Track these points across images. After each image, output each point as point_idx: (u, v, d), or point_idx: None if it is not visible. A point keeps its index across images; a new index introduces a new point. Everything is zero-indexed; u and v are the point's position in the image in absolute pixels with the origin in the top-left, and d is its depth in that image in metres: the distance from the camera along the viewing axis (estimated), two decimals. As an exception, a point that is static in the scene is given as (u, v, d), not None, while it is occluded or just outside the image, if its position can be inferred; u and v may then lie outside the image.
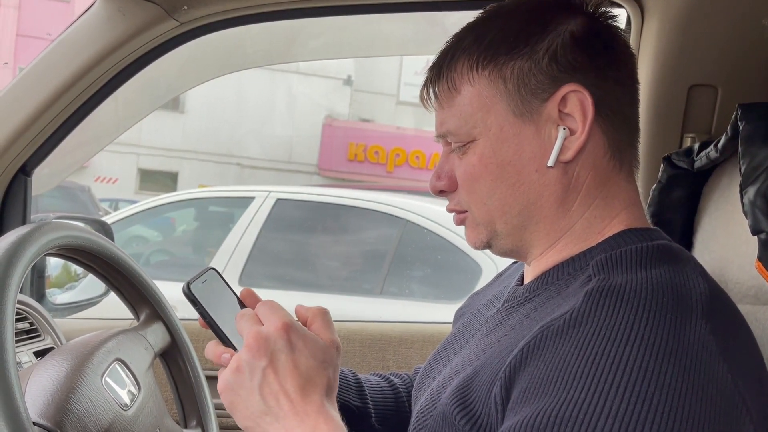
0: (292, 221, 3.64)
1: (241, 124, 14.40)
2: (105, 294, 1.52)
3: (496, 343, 0.67)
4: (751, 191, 0.72)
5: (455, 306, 0.93)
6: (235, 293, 0.73)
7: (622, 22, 1.22)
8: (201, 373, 0.99)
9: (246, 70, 1.57)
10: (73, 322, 1.47)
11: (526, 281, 0.75)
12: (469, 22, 0.72)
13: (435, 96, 0.72)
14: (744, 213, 0.73)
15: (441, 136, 0.72)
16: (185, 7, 1.14)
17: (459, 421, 0.63)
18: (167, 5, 1.14)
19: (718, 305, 0.60)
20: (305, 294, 3.32)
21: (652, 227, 0.71)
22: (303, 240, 3.72)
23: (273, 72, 14.06)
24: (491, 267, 2.96)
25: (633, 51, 0.73)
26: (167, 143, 14.09)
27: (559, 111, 0.66)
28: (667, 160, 0.96)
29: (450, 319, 0.94)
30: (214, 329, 0.68)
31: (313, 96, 14.49)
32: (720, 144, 0.85)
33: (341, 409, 0.67)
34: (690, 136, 1.11)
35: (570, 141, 0.66)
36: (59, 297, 1.54)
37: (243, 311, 0.67)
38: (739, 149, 0.77)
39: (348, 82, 15.25)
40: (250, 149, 14.57)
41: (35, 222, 0.77)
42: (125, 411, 0.79)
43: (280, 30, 1.41)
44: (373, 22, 1.45)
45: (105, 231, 1.45)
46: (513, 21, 0.69)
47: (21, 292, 1.08)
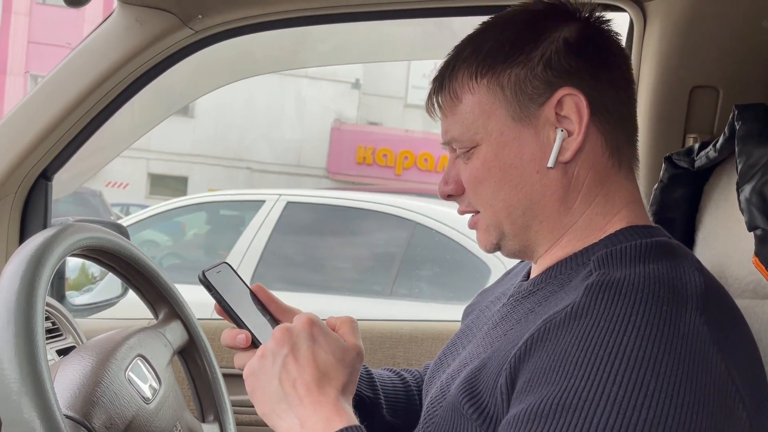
0: (302, 224, 3.68)
1: (251, 128, 14.48)
2: (122, 295, 1.57)
3: (502, 336, 0.70)
4: (747, 189, 0.75)
5: (463, 306, 0.96)
6: (248, 286, 0.76)
7: (623, 25, 1.24)
8: (218, 370, 1.03)
9: (256, 76, 1.61)
10: (92, 322, 1.51)
11: (531, 277, 0.78)
12: (469, 33, 0.76)
13: (439, 106, 0.76)
14: (741, 210, 0.76)
15: (446, 143, 0.76)
16: (200, 16, 1.18)
17: (467, 411, 0.66)
18: (182, 14, 1.18)
19: (713, 298, 0.62)
20: (316, 296, 3.36)
21: (653, 224, 0.73)
22: (313, 242, 3.75)
23: (282, 76, 14.13)
24: (500, 267, 2.98)
25: (627, 53, 0.76)
26: (177, 148, 14.19)
27: (556, 114, 0.70)
28: (668, 160, 0.99)
29: (458, 318, 0.97)
30: (228, 312, 0.72)
31: (322, 100, 14.55)
32: (718, 144, 0.87)
33: (354, 400, 0.70)
34: (692, 136, 1.13)
35: (568, 142, 0.69)
36: (77, 299, 1.58)
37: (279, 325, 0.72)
38: (736, 149, 0.79)
39: (356, 85, 15.30)
40: (259, 153, 14.64)
41: (59, 224, 0.81)
42: (148, 404, 0.82)
43: (289, 37, 1.45)
44: (382, 27, 1.48)
45: (122, 233, 1.49)
46: (509, 31, 0.72)
47: (44, 292, 1.12)
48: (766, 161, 0.76)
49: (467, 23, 1.31)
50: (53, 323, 1.15)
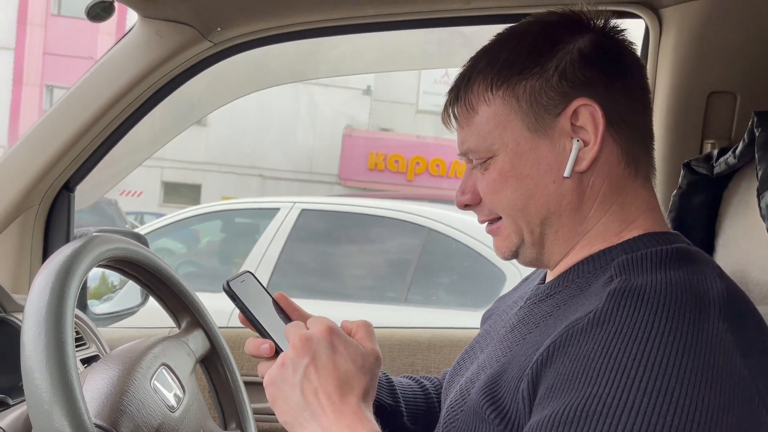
0: (316, 231, 3.69)
1: (263, 135, 14.56)
2: (142, 304, 1.59)
3: (521, 340, 0.70)
4: (768, 196, 0.75)
5: (479, 313, 0.97)
6: (270, 294, 0.77)
7: (639, 31, 1.25)
8: (239, 378, 1.04)
9: (273, 87, 1.63)
10: (114, 330, 1.52)
11: (548, 280, 0.78)
12: (484, 45, 0.77)
13: (455, 117, 0.77)
14: (762, 217, 0.76)
15: (463, 153, 0.77)
16: (218, 29, 1.20)
17: (489, 416, 0.66)
18: (201, 27, 1.20)
19: (735, 304, 0.63)
20: (331, 303, 3.37)
21: (671, 231, 0.74)
22: (327, 250, 3.77)
23: (293, 84, 14.19)
24: (515, 274, 2.98)
25: (642, 63, 0.77)
26: (190, 156, 14.29)
27: (572, 124, 0.70)
28: (687, 166, 0.99)
29: (475, 325, 0.98)
30: (252, 322, 0.73)
31: (333, 106, 14.61)
32: (738, 150, 0.87)
33: (374, 408, 0.70)
34: (710, 142, 1.13)
35: (584, 152, 0.70)
36: (98, 308, 1.61)
37: (293, 323, 0.72)
38: (756, 155, 0.79)
39: (367, 92, 15.35)
40: (271, 160, 14.71)
41: (85, 236, 0.82)
42: (173, 413, 0.83)
43: (304, 48, 1.46)
44: (395, 36, 1.49)
45: (142, 243, 1.51)
46: (524, 42, 0.73)
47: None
48: (786, 168, 0.76)
49: (480, 30, 1.33)
50: (77, 332, 1.17)
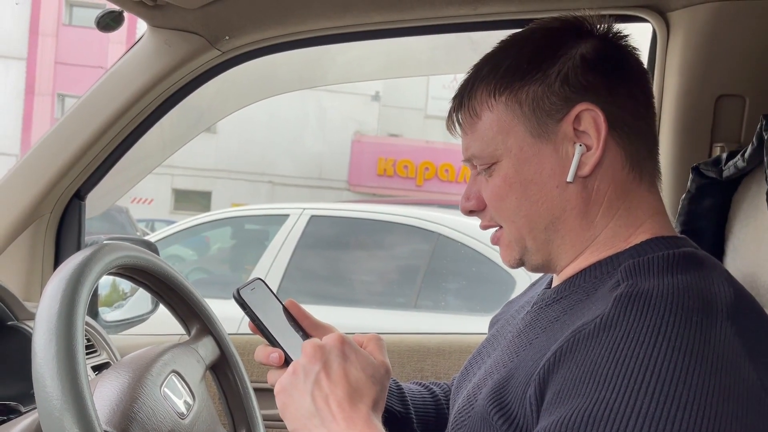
0: (326, 237, 3.70)
1: (272, 142, 14.62)
2: (152, 311, 1.59)
3: (528, 345, 0.70)
4: (778, 199, 0.74)
5: (488, 318, 0.97)
6: (281, 301, 0.78)
7: (646, 34, 1.24)
8: (249, 385, 1.04)
9: (281, 95, 1.64)
10: (124, 338, 1.53)
11: (554, 284, 0.78)
12: (487, 52, 0.77)
13: (459, 123, 0.77)
14: (771, 220, 0.75)
15: (467, 160, 0.77)
16: (227, 37, 1.21)
17: (496, 421, 0.66)
18: (210, 36, 1.21)
19: (743, 308, 0.62)
20: (340, 309, 3.37)
21: (678, 235, 0.74)
22: (337, 255, 3.77)
23: (302, 90, 14.25)
24: (524, 279, 2.97)
25: (645, 67, 0.77)
26: (200, 163, 14.38)
27: (574, 129, 0.70)
28: (696, 170, 0.98)
29: (484, 330, 0.98)
30: (262, 331, 0.73)
31: (342, 112, 14.66)
32: (747, 154, 0.87)
33: (385, 414, 0.71)
34: (719, 145, 1.13)
35: (587, 156, 0.70)
36: (109, 315, 1.61)
37: (309, 340, 0.72)
38: (765, 158, 0.79)
39: (376, 97, 15.39)
40: (280, 167, 14.77)
41: (95, 244, 0.83)
42: (183, 420, 0.83)
43: (312, 55, 1.47)
44: (404, 42, 1.50)
45: (152, 251, 1.52)
46: (526, 48, 0.73)
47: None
48: (796, 171, 0.75)
49: (487, 35, 1.33)
50: (88, 340, 1.18)
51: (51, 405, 0.64)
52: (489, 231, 0.79)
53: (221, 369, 1.02)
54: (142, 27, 1.25)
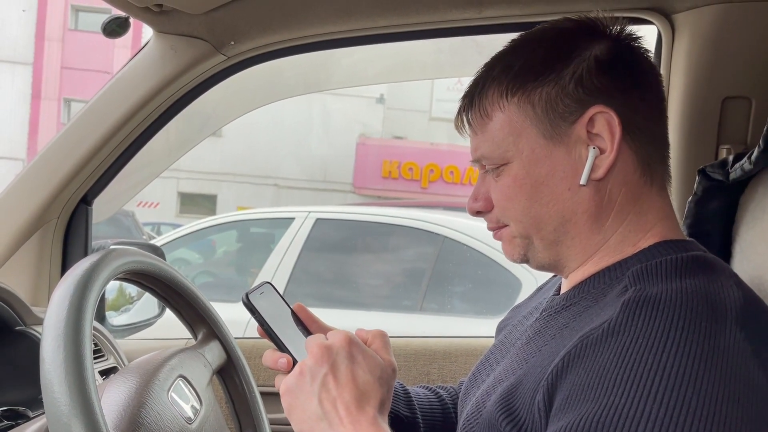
0: (331, 240, 3.70)
1: (277, 145, 14.65)
2: (159, 315, 1.60)
3: (537, 353, 0.70)
4: (785, 202, 0.74)
5: (494, 321, 0.96)
6: (289, 305, 0.78)
7: (651, 36, 1.24)
8: (255, 389, 1.04)
9: (287, 98, 1.64)
10: (131, 342, 1.54)
11: (563, 291, 0.78)
12: (498, 51, 0.76)
13: (468, 123, 0.76)
14: (779, 223, 0.75)
15: (476, 160, 0.77)
16: (232, 42, 1.22)
17: (504, 427, 0.66)
18: (215, 41, 1.21)
19: (752, 312, 0.62)
20: (346, 311, 3.37)
21: (687, 239, 0.73)
22: (342, 258, 3.78)
23: (307, 94, 14.26)
24: (531, 281, 2.96)
25: (658, 70, 0.76)
26: (206, 167, 14.42)
27: (588, 132, 0.70)
28: (702, 172, 0.98)
29: (490, 333, 0.97)
30: (270, 336, 0.73)
31: (347, 115, 14.67)
32: (753, 156, 0.86)
33: (391, 419, 0.70)
34: (725, 147, 1.12)
35: (600, 160, 0.70)
36: (116, 319, 1.62)
37: (314, 336, 0.72)
38: (772, 161, 0.79)
39: (380, 100, 15.40)
40: (286, 170, 14.80)
41: (102, 249, 0.83)
42: (190, 424, 0.84)
43: (317, 59, 1.47)
44: (409, 46, 1.50)
45: (158, 255, 1.52)
46: (539, 49, 0.73)
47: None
48: (803, 173, 0.75)
49: (493, 38, 1.33)
50: (96, 344, 1.18)
51: (59, 410, 0.64)
52: (492, 231, 0.79)
53: (228, 373, 1.02)
54: (147, 32, 1.26)
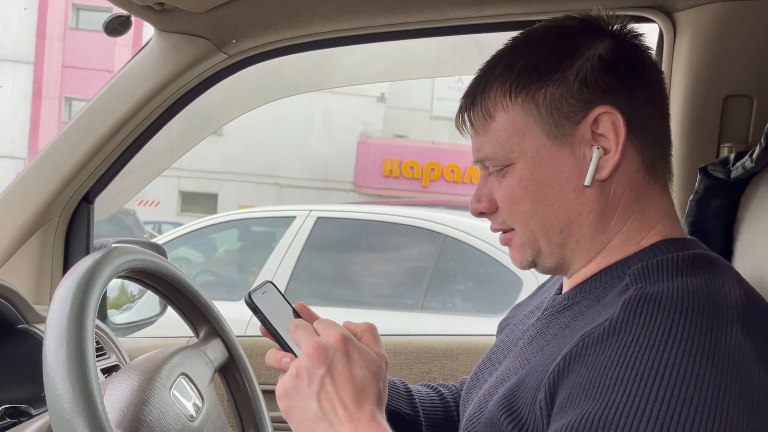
0: (332, 239, 3.71)
1: (278, 144, 14.66)
2: (160, 314, 1.60)
3: (539, 352, 0.70)
4: (787, 200, 0.74)
5: (495, 319, 0.96)
6: (291, 304, 0.78)
7: (653, 34, 1.24)
8: (257, 387, 1.04)
9: (288, 97, 1.64)
10: (133, 340, 1.54)
11: (564, 290, 0.78)
12: (499, 49, 0.76)
13: (470, 123, 0.75)
14: (780, 221, 0.75)
15: (479, 161, 0.76)
16: (234, 41, 1.22)
17: (506, 427, 0.66)
18: (217, 40, 1.21)
19: (754, 311, 0.62)
20: (347, 310, 3.37)
21: (688, 237, 0.73)
22: (343, 257, 3.78)
23: (308, 92, 14.25)
24: (531, 280, 2.96)
25: (660, 67, 0.76)
26: (207, 165, 14.42)
27: (592, 132, 0.69)
28: (704, 170, 0.98)
29: (491, 332, 0.97)
30: (274, 336, 0.73)
31: (348, 114, 14.68)
32: (755, 154, 0.86)
33: (393, 417, 0.70)
34: (727, 146, 1.12)
35: (605, 160, 0.69)
36: (117, 317, 1.62)
37: (297, 321, 0.71)
38: (773, 159, 0.79)
39: (382, 99, 15.40)
40: (287, 169, 14.80)
41: (104, 247, 0.84)
42: (192, 422, 0.84)
43: (318, 57, 1.47)
44: (410, 44, 1.50)
45: (160, 253, 1.52)
46: (542, 48, 0.72)
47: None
48: (804, 171, 0.75)
49: (493, 37, 1.33)
50: (98, 342, 1.18)
51: (62, 408, 0.64)
52: (497, 232, 0.78)
53: (230, 371, 1.03)
54: (149, 30, 1.26)
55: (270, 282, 0.77)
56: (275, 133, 14.52)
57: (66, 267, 1.34)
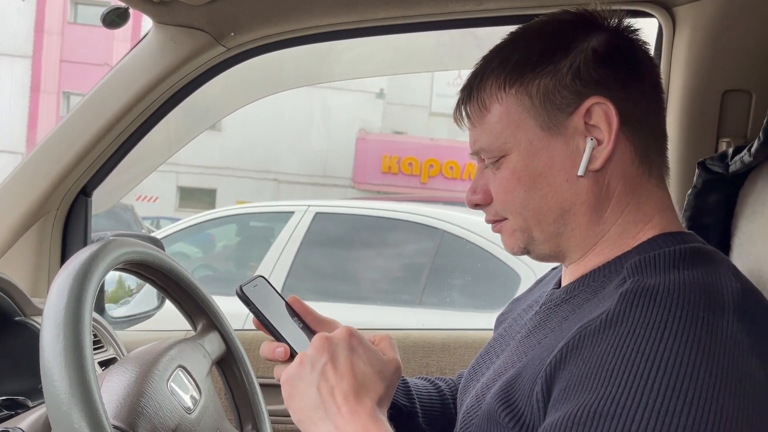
0: (331, 234, 3.71)
1: (277, 139, 14.65)
2: (158, 307, 1.60)
3: (537, 345, 0.70)
4: (785, 194, 0.74)
5: (493, 315, 0.97)
6: (283, 297, 0.78)
7: (652, 29, 1.24)
8: (255, 380, 1.04)
9: (287, 91, 1.64)
10: (131, 333, 1.54)
11: (563, 284, 0.78)
12: (497, 44, 0.76)
13: (467, 116, 0.76)
14: (778, 215, 0.75)
15: (475, 152, 0.77)
16: (232, 34, 1.21)
17: (503, 419, 0.66)
18: (215, 32, 1.21)
19: (751, 304, 0.62)
20: (345, 305, 3.38)
21: (686, 231, 0.73)
22: (342, 253, 3.78)
23: (307, 88, 14.24)
24: (530, 275, 2.97)
25: (656, 62, 0.76)
26: (205, 161, 14.41)
27: (585, 123, 0.70)
28: (702, 165, 0.98)
29: (489, 327, 0.97)
30: (266, 326, 0.73)
31: (347, 110, 14.67)
32: (753, 148, 0.86)
33: (390, 409, 0.71)
34: (725, 140, 1.12)
35: (598, 151, 0.70)
36: (115, 311, 1.62)
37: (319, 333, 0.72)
38: (772, 153, 0.79)
39: (381, 95, 15.39)
40: (285, 164, 14.80)
41: (102, 239, 0.83)
42: (189, 414, 0.84)
43: (317, 51, 1.47)
44: (409, 39, 1.49)
45: (158, 247, 1.52)
46: (537, 41, 0.73)
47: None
48: (803, 165, 0.75)
49: (492, 31, 1.33)
50: (95, 335, 1.18)
51: (59, 399, 0.64)
52: (490, 223, 0.79)
53: (227, 364, 1.03)
54: (147, 24, 1.25)
55: (261, 276, 0.77)
56: (274, 129, 14.51)
57: (63, 260, 1.34)
